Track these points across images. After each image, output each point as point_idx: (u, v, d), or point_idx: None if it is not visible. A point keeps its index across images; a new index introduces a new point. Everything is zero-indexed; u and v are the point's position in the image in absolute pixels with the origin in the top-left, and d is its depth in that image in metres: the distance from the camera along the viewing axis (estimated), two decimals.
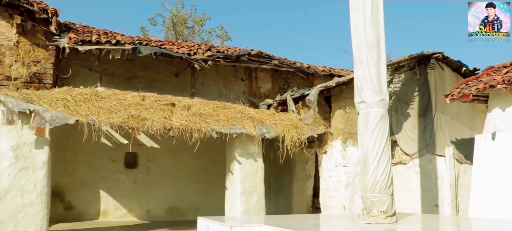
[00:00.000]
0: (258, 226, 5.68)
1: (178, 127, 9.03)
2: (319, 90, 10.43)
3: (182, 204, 12.82)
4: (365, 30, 6.41)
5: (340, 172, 10.18)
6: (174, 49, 12.15)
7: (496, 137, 8.50)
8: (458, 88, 9.26)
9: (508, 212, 7.74)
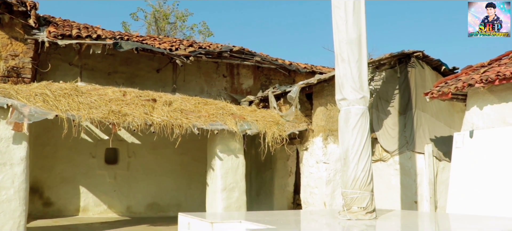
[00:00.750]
0: (239, 222, 5.68)
1: (159, 122, 8.98)
2: (300, 87, 10.47)
3: (163, 200, 12.76)
4: (346, 28, 6.45)
5: (321, 169, 10.24)
6: (156, 45, 12.07)
7: (474, 135, 8.63)
8: (438, 86, 9.38)
9: (484, 208, 7.87)
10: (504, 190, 7.81)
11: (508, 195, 7.71)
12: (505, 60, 8.98)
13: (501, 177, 7.93)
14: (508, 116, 8.30)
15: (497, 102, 8.50)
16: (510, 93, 8.30)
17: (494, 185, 7.98)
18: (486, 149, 8.35)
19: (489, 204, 7.88)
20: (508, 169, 7.89)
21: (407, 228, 5.77)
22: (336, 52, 6.63)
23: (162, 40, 13.51)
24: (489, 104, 8.62)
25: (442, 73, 10.67)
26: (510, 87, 8.28)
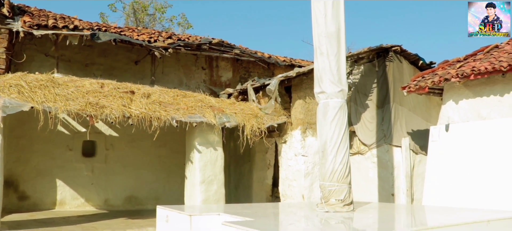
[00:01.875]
0: (218, 214, 5.68)
1: (137, 115, 8.91)
2: (279, 80, 10.49)
3: (141, 193, 12.68)
4: (325, 22, 6.47)
5: (299, 162, 10.28)
6: (134, 36, 11.94)
7: (450, 129, 8.76)
8: (415, 81, 9.49)
9: (459, 200, 8.01)
10: (477, 183, 7.95)
11: (481, 187, 7.86)
12: (480, 55, 9.12)
13: (475, 170, 8.08)
14: (482, 110, 8.45)
15: (472, 97, 8.64)
16: (485, 88, 8.45)
17: (469, 178, 8.13)
18: (461, 142, 8.49)
19: (463, 196, 8.02)
20: (482, 162, 8.04)
21: (384, 220, 5.84)
22: (315, 45, 6.64)
23: (141, 31, 13.38)
24: (465, 99, 8.76)
25: (420, 68, 10.79)
26: (484, 82, 8.42)
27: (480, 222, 4.91)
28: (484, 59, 8.66)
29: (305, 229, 4.72)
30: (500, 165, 7.76)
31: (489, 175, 7.85)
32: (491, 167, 7.87)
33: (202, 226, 5.56)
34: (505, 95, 8.16)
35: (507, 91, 8.13)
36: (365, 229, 4.75)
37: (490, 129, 8.13)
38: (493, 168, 7.84)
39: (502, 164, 7.75)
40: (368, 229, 4.81)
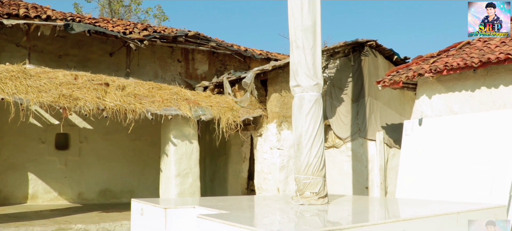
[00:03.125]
0: (193, 207, 5.66)
1: (112, 107, 8.80)
2: (255, 73, 10.49)
3: (115, 187, 12.57)
4: (302, 15, 6.49)
5: (275, 155, 10.32)
6: (109, 28, 11.79)
7: (423, 123, 8.90)
8: (390, 75, 9.60)
9: (431, 193, 8.15)
10: (449, 176, 8.11)
11: (452, 180, 8.02)
12: (453, 51, 9.28)
13: (447, 164, 8.23)
14: (454, 105, 8.60)
15: (445, 92, 8.79)
16: (457, 83, 8.60)
17: (441, 171, 8.28)
18: (434, 136, 8.63)
19: (435, 189, 8.16)
20: (453, 155, 8.19)
21: (358, 213, 5.90)
22: (291, 39, 6.66)
23: (116, 23, 13.21)
24: (438, 94, 8.90)
25: (394, 63, 10.92)
26: (457, 77, 8.57)
27: (450, 214, 5.01)
28: (457, 55, 8.81)
29: (280, 221, 4.75)
30: (470, 159, 7.92)
31: (460, 169, 8.00)
32: (462, 160, 8.03)
33: (177, 219, 5.54)
34: (476, 91, 8.32)
35: (478, 87, 8.29)
36: (339, 222, 4.80)
37: (461, 124, 8.28)
38: (463, 162, 8.00)
39: (472, 158, 7.91)
40: (342, 221, 4.86)
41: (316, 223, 4.78)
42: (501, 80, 7.98)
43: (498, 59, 7.58)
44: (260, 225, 4.25)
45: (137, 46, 11.74)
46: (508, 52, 7.54)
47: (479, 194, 7.47)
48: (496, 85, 8.05)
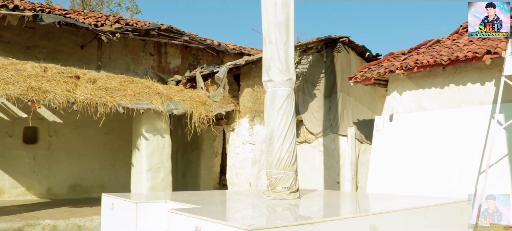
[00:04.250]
0: (164, 202, 5.63)
1: (82, 100, 8.67)
2: (228, 68, 10.47)
3: (86, 181, 12.39)
4: (275, 11, 6.49)
5: (247, 149, 10.33)
6: (80, 19, 11.59)
7: (394, 119, 9.04)
8: (361, 71, 9.70)
9: (401, 187, 8.29)
10: (418, 171, 8.26)
11: (421, 175, 8.17)
12: (423, 49, 9.44)
13: (417, 159, 8.38)
14: (424, 102, 8.76)
15: (415, 89, 8.93)
16: (427, 80, 8.75)
17: (410, 166, 8.42)
18: (404, 132, 8.78)
19: (405, 183, 8.31)
20: (423, 151, 8.35)
21: (329, 207, 5.95)
22: (264, 34, 6.66)
23: (87, 15, 13.00)
24: (408, 90, 9.05)
25: (366, 59, 11.04)
26: (427, 75, 8.72)
27: (418, 208, 5.10)
28: (427, 52, 8.96)
29: (251, 216, 4.76)
30: (439, 155, 8.09)
31: (428, 164, 8.16)
32: (431, 156, 8.19)
33: (149, 213, 5.50)
34: (445, 88, 8.48)
35: (447, 84, 8.45)
36: (310, 216, 4.84)
37: (430, 120, 8.44)
38: (432, 157, 8.16)
39: (441, 153, 8.07)
40: (313, 216, 4.90)
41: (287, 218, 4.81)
42: (469, 78, 8.16)
43: (466, 58, 7.74)
44: (232, 219, 4.26)
45: (109, 39, 11.57)
46: (475, 50, 7.71)
47: (446, 188, 7.63)
48: (464, 83, 8.23)
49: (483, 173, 6.91)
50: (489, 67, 7.75)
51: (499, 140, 7.21)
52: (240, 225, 3.50)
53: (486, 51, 7.51)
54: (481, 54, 7.53)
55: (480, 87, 8.01)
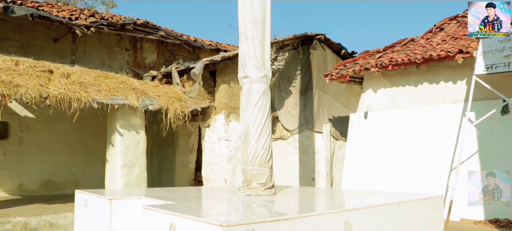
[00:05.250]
0: (139, 198, 5.58)
1: (55, 95, 8.52)
2: (204, 64, 10.44)
3: (59, 178, 12.19)
4: (252, 7, 6.49)
5: (223, 146, 10.32)
6: (54, 12, 11.38)
7: (368, 116, 9.14)
8: (337, 69, 9.78)
9: (375, 183, 8.39)
10: (392, 167, 8.37)
11: (395, 171, 8.28)
12: (398, 47, 9.57)
13: (390, 155, 8.49)
14: (398, 99, 8.88)
15: (390, 87, 9.05)
16: (401, 78, 8.87)
17: (384, 163, 8.53)
18: (378, 129, 8.89)
19: (379, 179, 8.42)
20: (396, 147, 8.46)
21: (304, 203, 5.99)
22: (240, 30, 6.65)
23: (61, 8, 12.78)
24: (383, 88, 9.16)
25: (342, 57, 11.14)
26: (401, 73, 8.84)
27: (392, 204, 5.17)
28: (401, 51, 9.09)
29: (227, 212, 4.75)
30: (412, 151, 8.21)
31: (402, 160, 8.28)
32: (404, 153, 8.31)
33: (123, 210, 5.45)
34: (418, 86, 8.62)
35: (421, 82, 8.59)
36: (285, 212, 4.86)
37: (404, 117, 8.57)
38: (406, 154, 8.28)
39: (414, 150, 8.20)
40: (288, 212, 4.92)
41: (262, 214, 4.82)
42: (442, 77, 8.31)
43: (439, 56, 7.88)
44: (207, 216, 4.25)
45: (83, 33, 11.40)
46: (448, 50, 7.86)
47: (419, 184, 7.76)
48: (437, 81, 8.37)
49: (455, 169, 7.04)
50: (461, 66, 7.90)
51: (470, 137, 7.37)
52: (215, 221, 3.50)
53: (458, 51, 7.66)
54: (454, 53, 7.68)
55: (453, 85, 8.17)
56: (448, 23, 9.75)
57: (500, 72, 6.88)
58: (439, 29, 9.64)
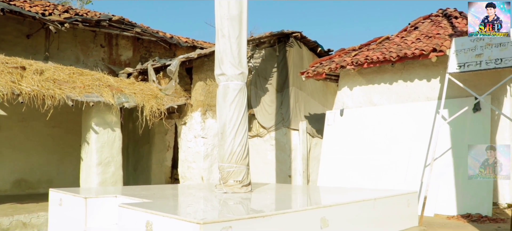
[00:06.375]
0: (115, 197, 5.54)
1: (28, 92, 8.37)
2: (180, 61, 10.38)
3: (32, 176, 11.98)
4: (228, 4, 6.49)
5: (199, 143, 10.29)
6: (26, 7, 11.17)
7: (344, 113, 9.22)
8: (313, 67, 9.84)
9: (351, 180, 8.48)
10: (368, 164, 8.46)
11: (371, 168, 8.38)
12: (373, 46, 9.67)
13: (366, 152, 8.59)
14: (374, 97, 8.98)
15: (365, 84, 9.14)
16: (376, 76, 8.97)
17: (360, 159, 8.62)
18: (354, 126, 8.97)
19: (355, 176, 8.50)
20: (372, 144, 8.56)
21: (280, 200, 6.02)
22: (217, 27, 6.65)
23: (34, 3, 12.53)
24: (358, 86, 9.25)
25: (318, 55, 11.20)
26: (376, 71, 8.94)
27: (367, 201, 5.23)
28: (377, 49, 9.19)
29: (203, 210, 4.75)
30: (387, 148, 8.32)
31: (377, 157, 8.38)
32: (380, 149, 8.41)
33: (98, 209, 5.39)
34: (393, 83, 8.72)
35: (396, 80, 8.70)
36: (262, 209, 4.88)
37: (380, 115, 8.67)
38: (381, 151, 8.38)
39: (389, 147, 8.30)
40: (265, 209, 4.94)
41: (239, 211, 4.83)
42: (416, 75, 8.43)
43: (414, 55, 8.00)
44: (184, 213, 4.24)
45: (57, 28, 11.21)
46: (422, 48, 7.98)
47: (394, 181, 7.87)
48: (411, 79, 8.49)
49: (429, 166, 7.16)
50: (435, 65, 8.03)
51: (444, 134, 7.50)
52: (192, 219, 3.49)
53: (432, 49, 7.78)
54: (428, 51, 7.80)
55: (427, 83, 8.29)
56: (422, 22, 9.90)
57: (472, 71, 7.02)
58: (413, 28, 9.77)
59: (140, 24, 13.53)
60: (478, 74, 7.36)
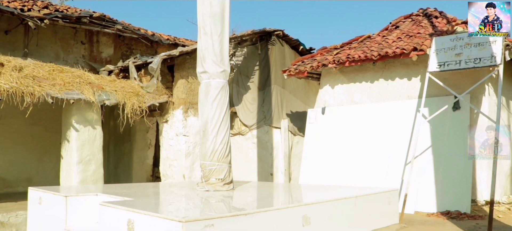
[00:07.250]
0: (96, 195, 5.50)
1: (7, 89, 8.24)
2: (162, 58, 10.32)
3: (10, 175, 11.79)
4: (211, 2, 6.48)
5: (181, 141, 10.25)
6: (4, 3, 11.00)
7: (326, 112, 9.26)
8: (295, 65, 9.87)
9: (333, 178, 8.53)
10: (349, 162, 8.52)
11: (352, 166, 8.44)
12: (355, 44, 9.73)
13: (348, 150, 8.65)
14: (355, 95, 9.04)
15: (347, 82, 9.20)
16: (358, 75, 9.03)
17: (342, 157, 8.68)
18: (335, 124, 9.02)
19: (337, 174, 8.55)
20: (353, 142, 8.62)
21: (262, 198, 6.04)
22: (199, 25, 6.63)
23: None
24: (340, 84, 9.30)
25: (300, 53, 11.24)
26: (358, 69, 9.00)
27: (349, 198, 5.27)
28: (358, 48, 9.25)
29: (185, 208, 4.74)
30: (368, 146, 8.39)
31: (359, 155, 8.44)
32: (361, 147, 8.47)
33: (79, 207, 5.35)
34: (375, 82, 8.79)
35: (377, 79, 8.77)
36: (244, 207, 4.88)
37: (361, 113, 8.73)
38: (362, 149, 8.45)
39: (370, 145, 8.37)
40: (247, 207, 4.95)
41: (221, 209, 4.83)
42: (397, 73, 8.51)
43: (395, 54, 8.07)
44: (165, 212, 4.22)
45: (36, 25, 11.05)
46: (403, 47, 8.05)
47: (375, 178, 7.93)
48: (392, 78, 8.57)
49: (409, 163, 7.23)
50: (416, 64, 8.11)
51: (424, 132, 7.58)
52: (174, 217, 3.49)
53: (413, 48, 7.86)
54: (408, 50, 7.88)
55: (407, 82, 8.38)
56: (403, 21, 9.99)
57: (451, 70, 7.11)
58: (394, 27, 9.86)
59: (121, 21, 13.42)
60: (457, 74, 7.45)
